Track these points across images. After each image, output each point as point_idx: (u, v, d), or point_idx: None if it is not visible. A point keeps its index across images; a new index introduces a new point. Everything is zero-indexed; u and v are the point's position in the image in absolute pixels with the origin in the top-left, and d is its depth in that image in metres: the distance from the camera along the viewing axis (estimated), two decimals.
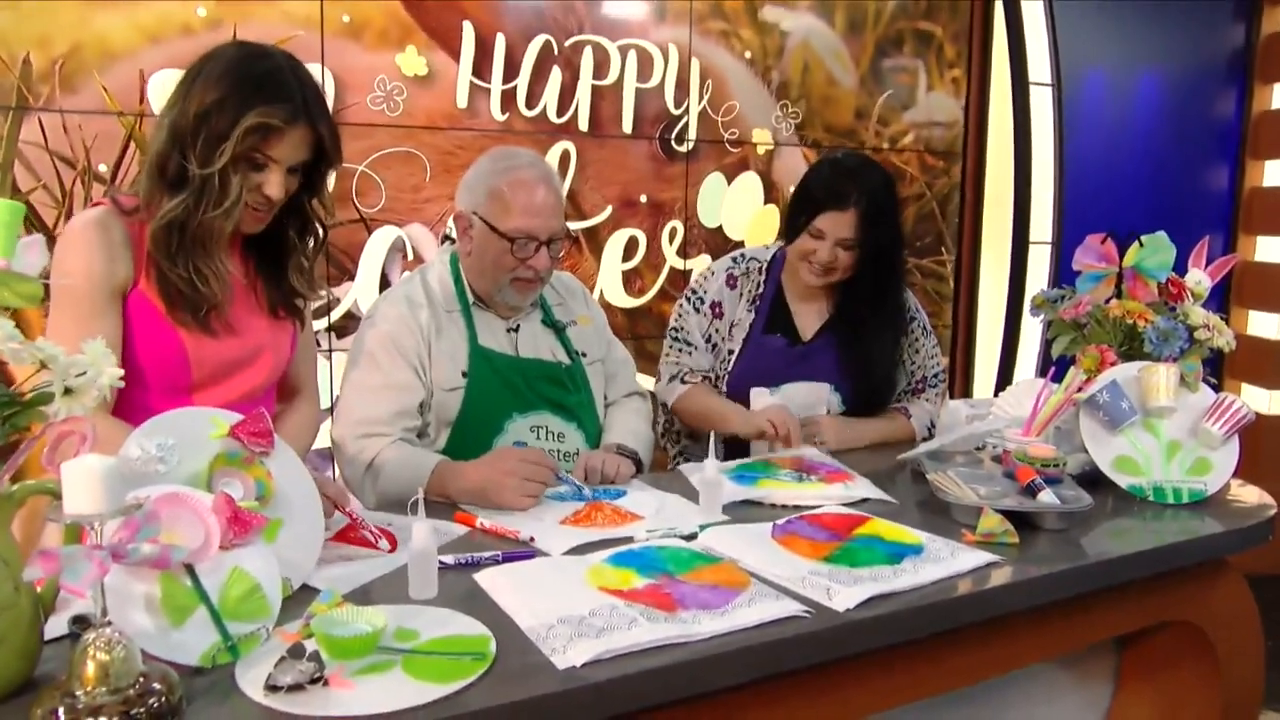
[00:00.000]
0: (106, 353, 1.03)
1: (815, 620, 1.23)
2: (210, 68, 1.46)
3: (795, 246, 2.16)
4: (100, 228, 1.47)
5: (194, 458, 1.24)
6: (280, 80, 1.47)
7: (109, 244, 1.47)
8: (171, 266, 1.48)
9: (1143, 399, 1.84)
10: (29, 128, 2.45)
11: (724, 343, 2.25)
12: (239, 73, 1.45)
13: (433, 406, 1.85)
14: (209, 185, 1.44)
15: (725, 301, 2.25)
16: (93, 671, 0.92)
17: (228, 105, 1.43)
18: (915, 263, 4.02)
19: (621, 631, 1.15)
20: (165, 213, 1.45)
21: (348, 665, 1.06)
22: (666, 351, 2.29)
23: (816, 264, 2.12)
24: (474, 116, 3.02)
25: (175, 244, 1.47)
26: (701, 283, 2.28)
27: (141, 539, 0.97)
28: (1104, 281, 2.01)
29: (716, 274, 2.28)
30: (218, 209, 1.45)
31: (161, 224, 1.45)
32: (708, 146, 3.46)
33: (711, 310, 2.25)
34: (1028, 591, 1.42)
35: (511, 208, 1.81)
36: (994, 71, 4.01)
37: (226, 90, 1.43)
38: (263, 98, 1.44)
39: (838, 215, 2.07)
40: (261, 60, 1.48)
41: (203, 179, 1.44)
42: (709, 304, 2.25)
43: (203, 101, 1.43)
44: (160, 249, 1.47)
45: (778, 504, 1.73)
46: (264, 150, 1.46)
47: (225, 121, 1.43)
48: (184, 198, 1.44)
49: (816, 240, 2.11)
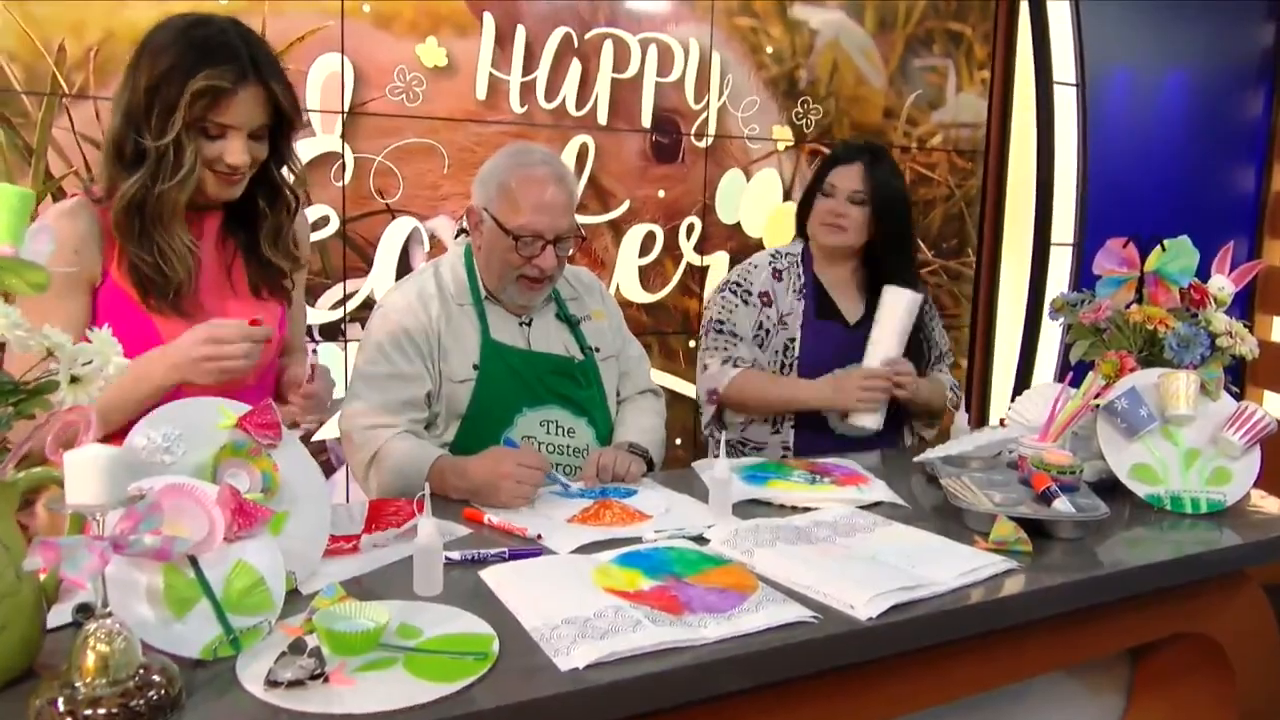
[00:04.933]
0: (113, 342, 1.02)
1: (823, 626, 1.22)
2: (154, 41, 1.43)
3: (814, 212, 2.28)
4: (69, 218, 1.45)
5: (200, 448, 1.23)
6: (224, 42, 1.44)
7: (75, 234, 1.44)
8: (136, 249, 1.45)
9: (1162, 406, 1.81)
10: (61, 114, 2.46)
11: (776, 330, 2.28)
12: (183, 41, 1.42)
13: (442, 398, 1.84)
14: (164, 158, 1.42)
15: (773, 292, 2.29)
16: (92, 663, 0.92)
17: (175, 74, 1.40)
18: (941, 263, 3.99)
19: (626, 634, 1.14)
20: (124, 193, 1.42)
21: (349, 661, 1.06)
22: (709, 345, 2.30)
23: (830, 220, 2.25)
24: (493, 108, 3.00)
25: (138, 225, 1.44)
26: (745, 276, 2.32)
27: (144, 530, 0.96)
28: (1125, 286, 1.98)
29: (760, 267, 2.33)
30: (173, 180, 1.43)
31: (122, 205, 1.43)
32: (727, 142, 3.44)
33: (761, 300, 2.28)
34: (1040, 601, 1.40)
35: (519, 204, 1.80)
36: (1018, 71, 3.97)
37: (173, 59, 1.41)
38: (208, 61, 1.41)
39: (847, 169, 2.25)
40: (203, 26, 1.45)
41: (158, 153, 1.42)
42: (757, 294, 2.28)
43: (151, 75, 1.41)
44: (122, 231, 1.44)
45: (788, 505, 1.71)
46: (216, 116, 1.44)
47: (174, 90, 1.40)
48: (140, 174, 1.42)
49: (829, 197, 2.26)
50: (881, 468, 1.96)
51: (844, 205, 2.23)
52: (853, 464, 1.96)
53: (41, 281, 1.01)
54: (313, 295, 2.77)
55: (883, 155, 2.30)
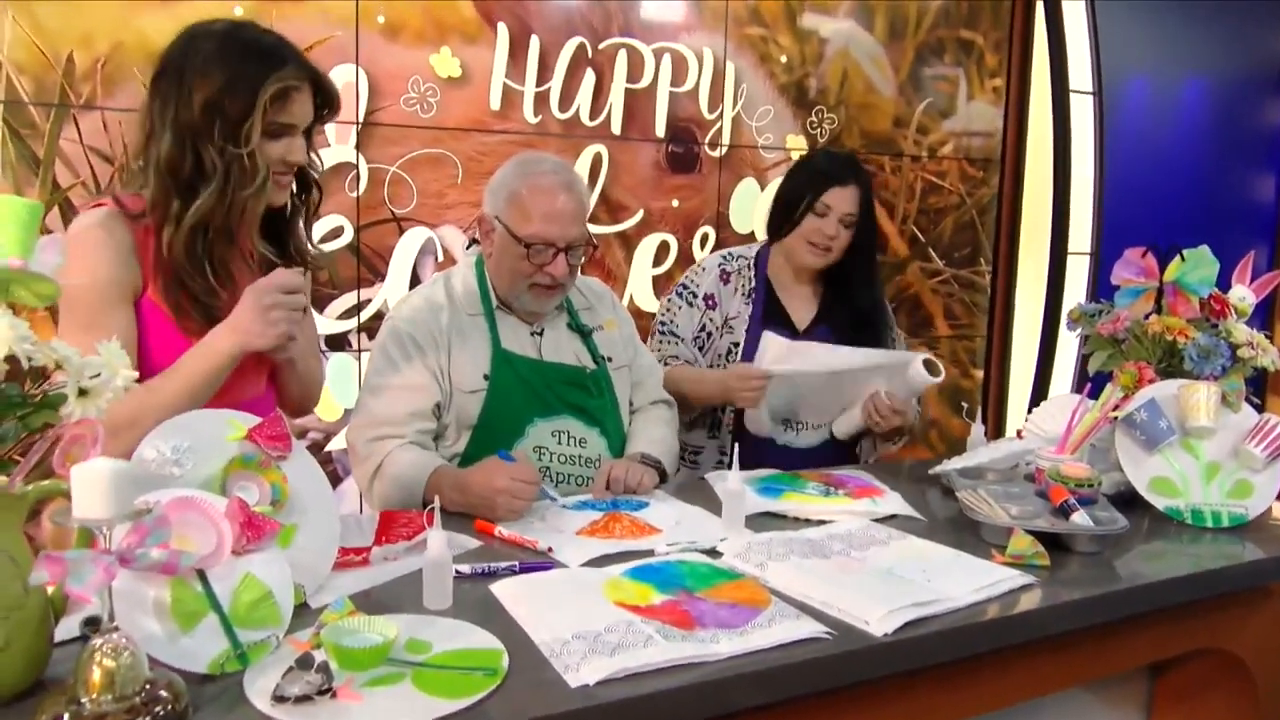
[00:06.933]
0: (121, 354, 1.02)
1: (837, 642, 1.20)
2: (198, 54, 1.41)
3: (800, 230, 2.20)
4: (107, 230, 1.42)
5: (210, 461, 1.23)
6: (274, 42, 1.44)
7: (115, 247, 1.42)
8: (193, 273, 1.43)
9: (1182, 418, 1.79)
10: (69, 125, 2.47)
11: (719, 334, 2.26)
12: (236, 48, 1.41)
13: (452, 409, 1.83)
14: (233, 169, 1.40)
15: (718, 295, 2.28)
16: (98, 678, 0.91)
17: (240, 82, 1.39)
18: (952, 273, 3.97)
19: (637, 649, 1.12)
20: (194, 212, 1.40)
21: (357, 676, 1.04)
22: (652, 346, 2.29)
23: (821, 241, 2.19)
24: (507, 119, 3.00)
25: (201, 245, 1.43)
26: (693, 279, 2.31)
27: (151, 544, 0.96)
28: (1144, 296, 1.96)
29: (708, 270, 2.31)
30: (249, 189, 1.42)
31: (191, 224, 1.40)
32: (741, 152, 3.43)
33: (705, 303, 2.28)
34: (1058, 617, 1.38)
35: (530, 213, 1.79)
36: (1034, 78, 3.95)
37: (233, 67, 1.39)
38: (272, 64, 1.41)
39: (842, 191, 2.17)
40: (244, 30, 1.45)
41: (226, 165, 1.40)
42: (702, 297, 2.28)
43: (208, 89, 1.39)
44: (185, 252, 1.42)
45: (801, 518, 1.69)
46: (281, 117, 1.43)
47: (243, 99, 1.39)
48: (211, 191, 1.40)
49: (821, 217, 2.18)
50: (896, 480, 1.94)
51: (835, 228, 2.18)
52: (868, 476, 1.94)
53: (50, 293, 1.01)
54: (319, 305, 2.78)
55: (866, 178, 2.24)
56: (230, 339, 1.40)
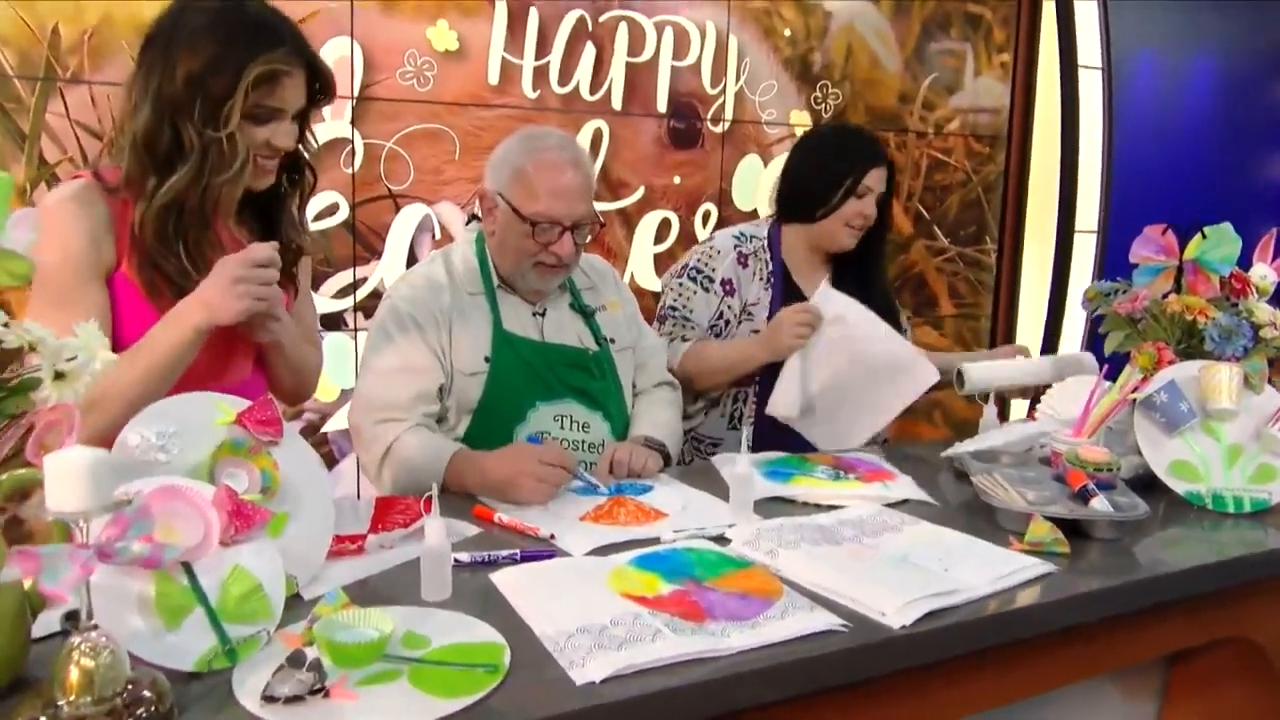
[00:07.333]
0: (99, 335, 0.96)
1: (853, 635, 1.15)
2: (187, 23, 1.34)
3: (840, 213, 2.12)
4: (81, 204, 1.36)
5: (197, 447, 1.17)
6: (269, 21, 1.37)
7: (90, 222, 1.36)
8: (166, 253, 1.37)
9: (1203, 400, 1.73)
10: (56, 100, 2.40)
11: (739, 321, 2.17)
12: (227, 23, 1.34)
13: (453, 392, 1.77)
14: (211, 151, 1.34)
15: (736, 279, 2.17)
16: (76, 679, 0.86)
17: (226, 59, 1.32)
18: (958, 251, 3.91)
19: (645, 644, 1.07)
20: (165, 191, 1.34)
21: (351, 674, 0.99)
22: (662, 332, 2.19)
23: (861, 223, 2.13)
24: (505, 93, 2.94)
25: (173, 225, 1.36)
26: (706, 260, 2.19)
27: (132, 537, 0.90)
28: (1163, 275, 1.90)
29: (723, 252, 2.18)
30: (226, 174, 1.35)
31: (161, 204, 1.34)
32: (744, 128, 3.36)
33: (723, 288, 2.17)
34: (1080, 607, 1.33)
35: (536, 190, 1.73)
36: (1042, 53, 3.88)
37: (221, 43, 1.32)
38: (261, 44, 1.33)
39: (878, 170, 2.13)
40: (245, 4, 1.37)
41: (204, 146, 1.33)
42: (719, 282, 2.17)
43: (195, 62, 1.32)
44: (155, 232, 1.36)
45: (811, 503, 1.64)
46: (268, 101, 1.36)
47: (227, 78, 1.32)
48: (186, 170, 1.34)
49: (861, 199, 2.12)
50: (907, 463, 1.89)
51: (871, 208, 2.13)
52: (878, 459, 1.89)
53: (23, 271, 0.95)
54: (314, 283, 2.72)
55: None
56: (196, 313, 1.34)
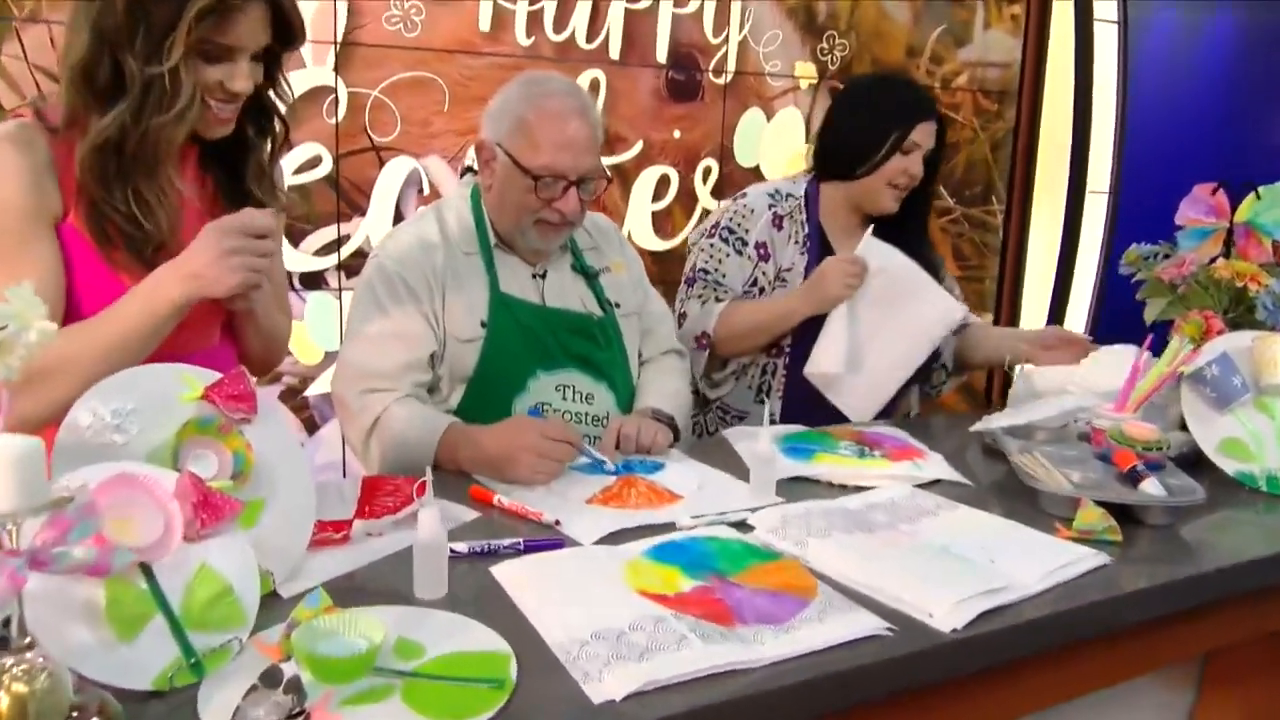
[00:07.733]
0: (36, 301, 0.81)
1: (900, 641, 1.03)
2: None
3: (883, 171, 1.98)
4: (18, 145, 1.22)
5: (159, 426, 1.03)
6: None
7: (31, 164, 1.21)
8: (107, 196, 1.22)
9: (1256, 374, 1.61)
10: (12, 41, 2.23)
11: (773, 288, 2.03)
12: None
13: (446, 359, 1.64)
14: (154, 88, 1.19)
15: (771, 243, 2.02)
16: (8, 708, 0.72)
17: None
18: (963, 211, 3.78)
19: (670, 653, 0.95)
20: (101, 129, 1.19)
21: (336, 691, 0.86)
22: (691, 294, 2.05)
23: (905, 182, 1.99)
24: (497, 40, 2.77)
25: (113, 167, 1.22)
26: (739, 221, 2.03)
27: (74, 539, 0.76)
28: (1212, 238, 1.77)
29: (757, 212, 2.03)
30: (167, 113, 1.20)
31: (96, 143, 1.20)
32: (747, 79, 3.20)
33: (757, 251, 2.02)
34: (1142, 603, 1.21)
35: (539, 142, 1.58)
36: (1056, 6, 3.73)
37: None
38: None
39: (927, 125, 1.99)
40: None
41: (145, 81, 1.18)
42: (753, 245, 2.02)
43: None
44: (94, 175, 1.21)
45: (836, 483, 1.52)
46: (219, 37, 1.21)
47: (169, 7, 1.17)
48: (122, 108, 1.19)
49: (907, 155, 1.98)
50: (934, 438, 1.76)
51: (918, 166, 1.98)
52: (904, 434, 1.76)
53: None
54: (294, 239, 2.56)
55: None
56: (181, 285, 1.20)
